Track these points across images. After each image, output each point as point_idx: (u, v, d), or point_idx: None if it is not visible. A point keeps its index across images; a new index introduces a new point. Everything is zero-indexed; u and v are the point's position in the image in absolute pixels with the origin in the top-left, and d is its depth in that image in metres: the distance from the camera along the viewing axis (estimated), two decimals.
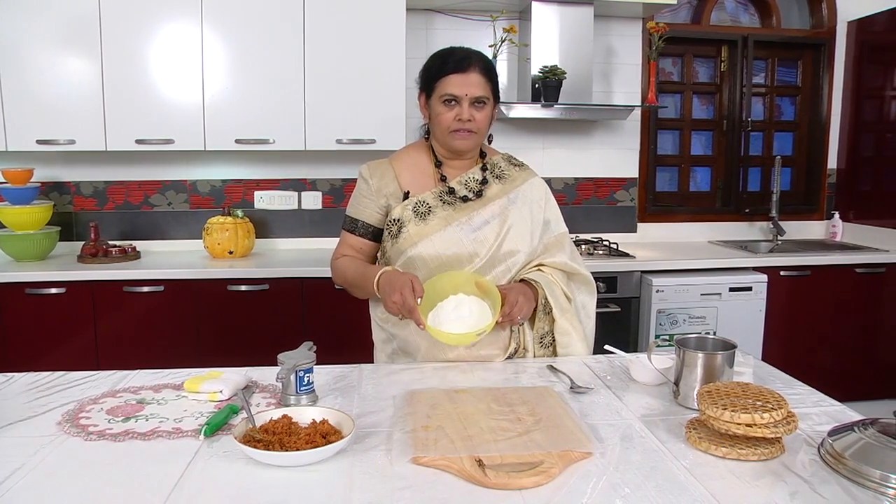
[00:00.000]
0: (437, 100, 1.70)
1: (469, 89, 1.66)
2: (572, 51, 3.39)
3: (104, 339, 2.95)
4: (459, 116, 1.67)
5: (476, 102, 1.68)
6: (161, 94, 3.08)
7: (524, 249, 1.76)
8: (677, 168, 4.07)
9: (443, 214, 1.73)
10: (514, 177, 1.82)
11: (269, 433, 1.17)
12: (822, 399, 1.45)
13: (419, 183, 1.77)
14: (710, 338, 1.48)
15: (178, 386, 1.51)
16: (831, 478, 1.09)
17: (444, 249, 1.71)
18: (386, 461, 1.14)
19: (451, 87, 1.67)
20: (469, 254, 1.71)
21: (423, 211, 1.73)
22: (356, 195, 1.82)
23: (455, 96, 1.67)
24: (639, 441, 1.23)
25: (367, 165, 1.82)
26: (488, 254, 1.72)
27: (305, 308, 3.04)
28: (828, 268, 3.44)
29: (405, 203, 1.74)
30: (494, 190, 1.79)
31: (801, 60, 4.09)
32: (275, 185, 3.58)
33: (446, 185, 1.76)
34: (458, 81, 1.66)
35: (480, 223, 1.74)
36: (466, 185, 1.78)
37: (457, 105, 1.67)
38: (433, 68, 1.72)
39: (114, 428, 1.28)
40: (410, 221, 1.72)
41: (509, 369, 1.64)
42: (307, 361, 1.39)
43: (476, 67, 1.68)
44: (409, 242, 1.72)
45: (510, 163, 1.86)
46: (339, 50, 3.14)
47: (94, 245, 3.17)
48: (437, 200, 1.75)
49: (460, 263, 1.71)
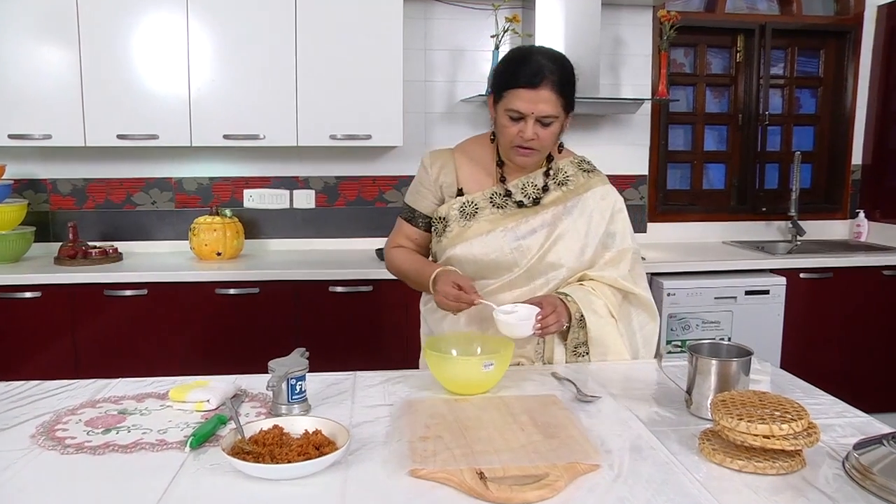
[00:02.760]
0: (502, 110, 1.67)
1: (537, 107, 1.62)
2: (578, 41, 3.39)
3: (83, 345, 2.95)
4: (522, 134, 1.65)
5: (544, 121, 1.64)
6: (144, 86, 3.08)
7: (569, 264, 1.75)
8: (689, 165, 4.07)
9: (489, 217, 1.75)
10: (579, 184, 1.80)
11: (259, 445, 1.18)
12: (846, 409, 1.44)
13: (478, 179, 1.79)
14: (725, 344, 1.48)
15: (162, 395, 1.51)
16: (857, 494, 1.09)
17: (482, 255, 1.73)
18: (382, 474, 1.14)
19: (518, 102, 1.63)
20: (508, 262, 1.73)
21: (470, 212, 1.76)
22: (416, 184, 1.86)
23: (521, 113, 1.64)
24: (649, 453, 1.23)
25: (430, 153, 1.85)
26: (528, 264, 1.73)
27: (298, 313, 3.04)
28: (851, 270, 3.44)
29: (453, 202, 1.77)
30: (552, 197, 1.78)
31: (823, 49, 4.09)
32: (265, 182, 3.58)
33: (503, 187, 1.77)
34: (527, 97, 1.62)
35: (527, 231, 1.74)
36: (524, 190, 1.77)
37: (522, 121, 1.64)
38: (504, 75, 1.67)
39: (93, 440, 1.28)
40: (454, 221, 1.75)
41: (512, 377, 1.64)
42: (299, 369, 1.39)
43: (548, 83, 1.61)
44: (449, 243, 1.75)
45: (580, 168, 1.84)
46: (333, 40, 3.15)
47: (73, 246, 3.17)
48: (487, 202, 1.76)
49: (497, 271, 1.73)
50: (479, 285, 1.72)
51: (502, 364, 1.51)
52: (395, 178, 3.64)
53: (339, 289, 3.03)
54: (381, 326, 3.07)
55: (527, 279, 1.74)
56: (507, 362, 1.53)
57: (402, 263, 1.84)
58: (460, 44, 3.60)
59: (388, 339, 3.02)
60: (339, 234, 3.64)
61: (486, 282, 1.75)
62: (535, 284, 1.75)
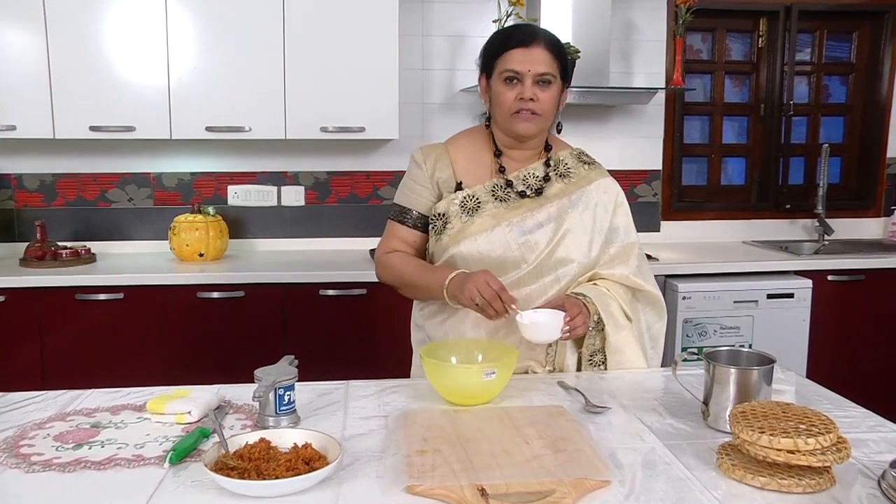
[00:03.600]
0: (497, 78, 1.73)
1: (533, 65, 1.69)
2: (587, 26, 3.39)
3: (52, 354, 2.95)
4: (521, 95, 1.70)
5: (541, 81, 1.70)
6: (119, 73, 3.08)
7: (578, 259, 1.77)
8: (706, 159, 4.08)
9: (493, 212, 1.76)
10: (581, 176, 1.84)
11: (244, 459, 1.18)
12: (880, 423, 1.44)
13: (475, 172, 1.81)
14: (745, 351, 1.48)
15: (139, 407, 1.51)
16: None
17: (488, 251, 1.74)
18: (377, 490, 1.15)
19: (512, 62, 1.70)
20: (515, 259, 1.74)
21: (472, 206, 1.77)
22: (407, 182, 1.86)
23: (517, 72, 1.70)
24: (663, 468, 1.24)
25: (421, 149, 1.86)
26: (537, 260, 1.75)
27: (286, 318, 3.05)
28: (885, 272, 3.44)
29: (452, 197, 1.78)
30: (555, 189, 1.81)
31: (856, 32, 4.09)
32: (251, 178, 3.59)
33: (503, 178, 1.79)
34: (521, 56, 1.70)
35: (533, 226, 1.76)
36: (525, 180, 1.80)
37: (519, 83, 1.70)
38: (494, 44, 1.76)
39: (62, 457, 1.27)
40: (456, 217, 1.76)
41: (516, 386, 1.64)
42: (288, 378, 1.40)
43: (541, 42, 1.71)
44: (451, 240, 1.76)
45: (579, 160, 1.87)
46: (325, 26, 3.15)
47: (41, 247, 3.17)
48: (489, 195, 1.78)
49: (504, 268, 1.74)
50: None
51: (505, 372, 1.52)
52: (390, 173, 3.64)
53: (330, 292, 3.04)
54: (375, 332, 3.07)
55: (536, 276, 1.75)
56: (510, 371, 1.54)
57: (403, 268, 1.81)
58: (460, 30, 3.60)
59: (382, 346, 3.03)
60: (331, 234, 3.64)
61: None
62: (545, 282, 1.76)
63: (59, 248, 3.21)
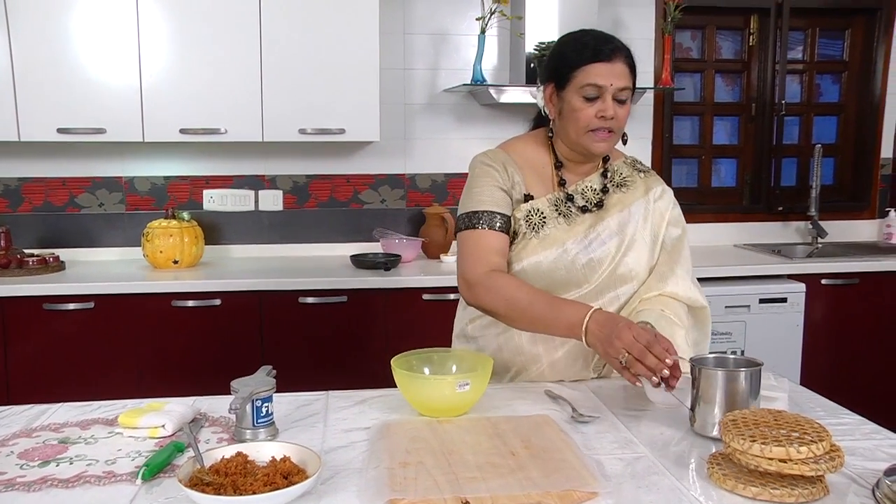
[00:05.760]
0: (574, 92, 1.69)
1: (615, 80, 1.67)
2: (573, 23, 3.35)
3: (17, 366, 2.93)
4: (602, 113, 1.67)
5: (619, 97, 1.68)
6: (89, 73, 3.07)
7: (640, 276, 1.77)
8: (697, 160, 4.11)
9: (557, 228, 1.75)
10: (637, 185, 1.84)
11: (220, 474, 1.17)
12: (874, 430, 1.46)
13: (537, 183, 1.80)
14: (732, 357, 1.49)
15: (110, 421, 1.50)
16: None
17: (551, 270, 1.73)
18: None
19: (596, 76, 1.66)
20: (578, 279, 1.74)
21: (537, 222, 1.76)
22: (483, 185, 1.76)
23: (600, 87, 1.66)
24: (652, 479, 1.25)
25: (485, 154, 1.82)
26: (599, 279, 1.75)
27: (264, 327, 3.04)
28: (881, 275, 3.47)
29: (517, 209, 1.76)
30: (614, 200, 1.80)
31: (849, 30, 4.13)
32: (227, 182, 3.58)
33: (563, 192, 1.79)
34: (605, 71, 1.66)
35: (596, 242, 1.76)
36: (584, 194, 1.79)
37: (599, 100, 1.67)
38: (571, 55, 1.71)
39: (27, 475, 1.26)
40: (520, 232, 1.75)
41: (501, 395, 1.65)
42: (266, 389, 1.40)
43: (621, 55, 1.69)
44: (516, 256, 1.75)
45: (634, 168, 1.87)
46: (302, 24, 3.16)
47: (6, 254, 3.14)
48: (553, 210, 1.77)
49: (566, 287, 1.74)
50: None
51: (479, 384, 1.52)
52: (371, 176, 3.64)
53: (309, 300, 3.03)
54: (356, 341, 3.07)
55: (596, 294, 1.75)
56: (485, 382, 1.54)
57: (516, 293, 1.64)
58: (443, 27, 3.61)
59: (364, 355, 3.03)
60: (310, 239, 3.64)
61: None
62: (604, 300, 1.75)
63: (26, 255, 3.18)
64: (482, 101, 3.59)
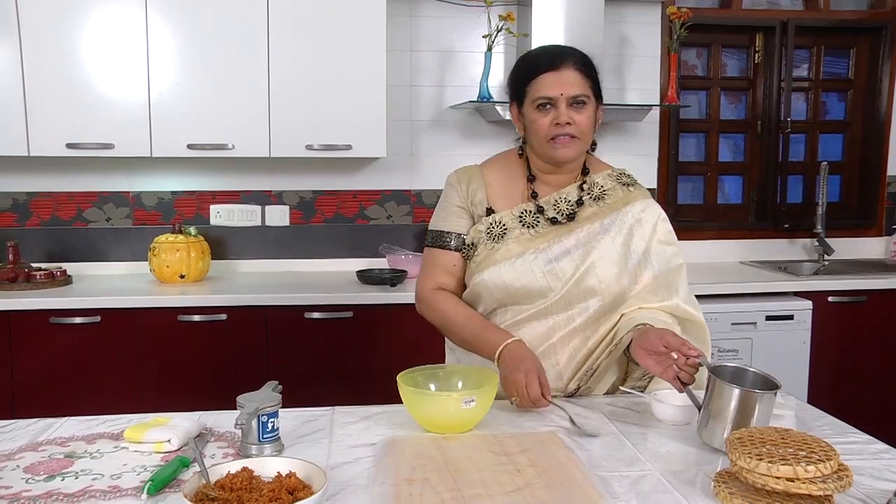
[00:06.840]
0: (530, 106, 1.75)
1: (565, 88, 1.71)
2: (579, 41, 3.38)
3: (23, 380, 2.93)
4: (557, 120, 1.71)
5: (574, 103, 1.72)
6: (98, 89, 3.09)
7: (609, 289, 1.76)
8: (703, 177, 4.11)
9: (518, 239, 1.77)
10: (617, 198, 1.83)
11: (226, 490, 1.17)
12: (884, 450, 1.45)
13: (507, 198, 1.83)
14: (751, 371, 1.49)
15: (116, 435, 1.51)
16: None
17: (512, 280, 1.74)
18: None
19: (543, 88, 1.72)
20: (541, 288, 1.74)
21: (497, 233, 1.78)
22: (443, 206, 1.87)
23: (549, 98, 1.71)
24: (658, 497, 1.24)
25: (456, 172, 1.89)
26: (563, 289, 1.74)
27: (269, 342, 3.04)
28: (888, 293, 3.45)
29: (479, 223, 1.80)
30: (587, 213, 1.80)
31: (854, 48, 4.14)
32: (234, 197, 3.59)
33: (534, 204, 1.80)
34: (552, 80, 1.71)
35: (560, 253, 1.76)
36: (556, 206, 1.80)
37: (553, 108, 1.72)
38: (522, 70, 1.78)
39: (33, 489, 1.26)
40: (482, 244, 1.78)
41: (507, 411, 1.65)
42: (271, 404, 1.40)
43: (570, 63, 1.73)
44: (476, 268, 1.78)
45: (618, 181, 1.86)
46: (310, 40, 3.18)
47: (13, 268, 3.15)
48: (516, 222, 1.79)
49: (530, 297, 1.75)
50: (513, 312, 1.77)
51: (485, 400, 1.52)
52: (377, 192, 3.65)
53: (315, 315, 3.04)
54: (362, 357, 3.07)
55: (564, 306, 1.75)
56: (490, 398, 1.54)
57: (452, 316, 1.81)
58: (449, 45, 3.64)
59: (370, 370, 3.02)
60: (316, 255, 3.65)
61: (521, 307, 1.77)
62: (573, 312, 1.76)
63: (33, 269, 3.20)
64: (488, 117, 3.60)
